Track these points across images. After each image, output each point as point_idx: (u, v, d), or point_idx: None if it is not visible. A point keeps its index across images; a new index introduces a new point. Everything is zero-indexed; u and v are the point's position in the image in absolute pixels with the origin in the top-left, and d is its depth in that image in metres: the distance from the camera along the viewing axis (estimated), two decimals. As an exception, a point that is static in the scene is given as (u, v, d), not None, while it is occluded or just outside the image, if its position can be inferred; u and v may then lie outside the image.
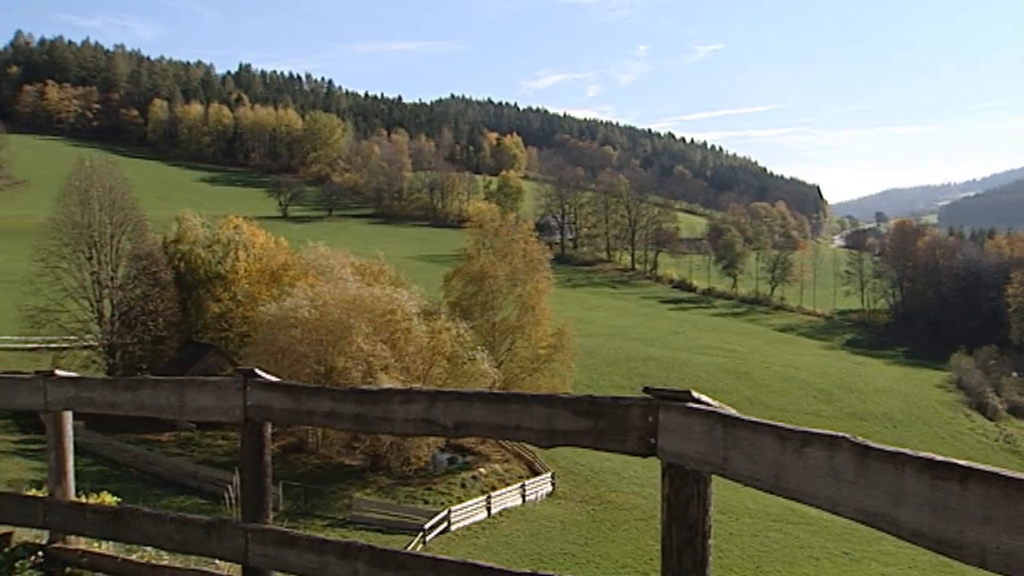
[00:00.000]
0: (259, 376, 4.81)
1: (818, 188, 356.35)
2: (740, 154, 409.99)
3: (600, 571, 36.19)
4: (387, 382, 41.40)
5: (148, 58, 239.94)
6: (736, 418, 3.00)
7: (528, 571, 3.89)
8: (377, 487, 43.94)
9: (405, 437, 37.34)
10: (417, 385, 40.36)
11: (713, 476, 3.24)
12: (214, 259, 57.33)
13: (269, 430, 4.89)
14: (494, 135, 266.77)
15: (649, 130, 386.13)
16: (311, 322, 45.43)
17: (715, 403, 3.22)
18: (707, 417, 3.11)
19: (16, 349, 53.67)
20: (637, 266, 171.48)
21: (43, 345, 51.71)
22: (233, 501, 5.68)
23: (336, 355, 45.02)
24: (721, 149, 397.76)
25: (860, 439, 2.46)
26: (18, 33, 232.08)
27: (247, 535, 4.81)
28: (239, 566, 5.11)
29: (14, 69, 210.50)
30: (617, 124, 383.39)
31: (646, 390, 3.39)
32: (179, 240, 59.05)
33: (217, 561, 5.55)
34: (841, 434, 2.53)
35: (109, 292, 53.04)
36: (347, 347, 44.90)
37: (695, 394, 3.24)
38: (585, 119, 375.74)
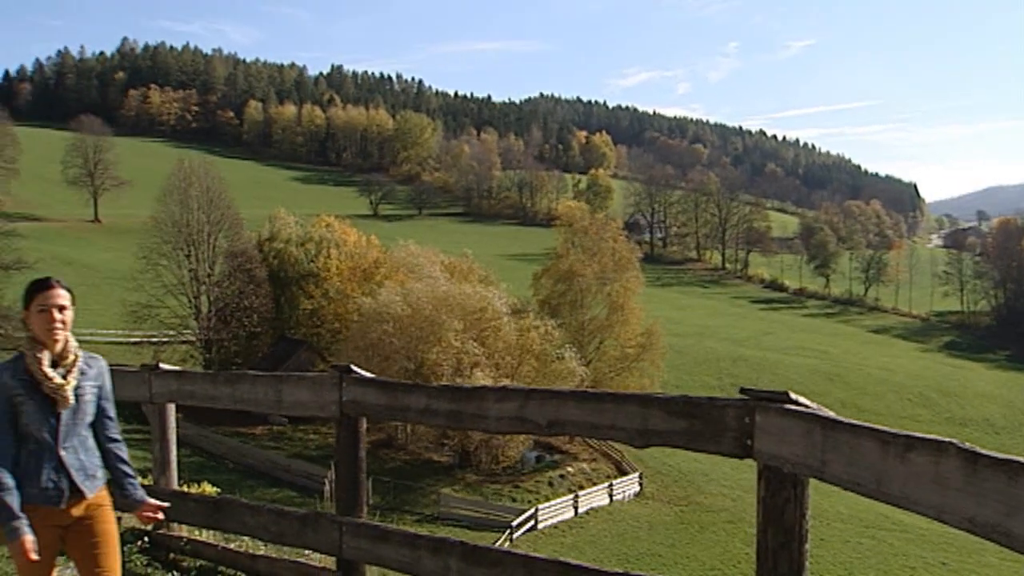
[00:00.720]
0: (355, 372, 4.88)
1: (915, 186, 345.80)
2: (833, 152, 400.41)
3: (687, 573, 35.78)
4: (480, 378, 41.67)
5: (244, 61, 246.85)
6: (836, 420, 2.94)
7: (619, 571, 3.87)
8: (465, 484, 44.20)
9: (497, 435, 37.64)
10: (507, 382, 40.46)
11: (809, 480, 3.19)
12: (307, 257, 58.31)
13: (364, 425, 4.97)
14: (583, 133, 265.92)
15: (740, 128, 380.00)
16: (403, 318, 45.98)
17: (813, 405, 3.16)
18: (805, 419, 3.05)
19: (120, 343, 55.51)
20: (727, 265, 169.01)
21: (144, 339, 53.48)
22: (330, 494, 5.78)
23: (427, 351, 45.48)
24: (814, 147, 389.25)
25: (968, 445, 2.38)
26: (124, 40, 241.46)
27: (342, 528, 4.89)
28: (332, 558, 5.22)
29: (120, 75, 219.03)
30: (707, 122, 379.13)
31: (742, 391, 3.34)
32: (273, 238, 60.23)
33: (309, 552, 5.65)
34: (947, 439, 2.45)
35: (206, 288, 54.58)
36: (438, 343, 45.36)
37: (793, 395, 3.18)
38: (675, 117, 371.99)
